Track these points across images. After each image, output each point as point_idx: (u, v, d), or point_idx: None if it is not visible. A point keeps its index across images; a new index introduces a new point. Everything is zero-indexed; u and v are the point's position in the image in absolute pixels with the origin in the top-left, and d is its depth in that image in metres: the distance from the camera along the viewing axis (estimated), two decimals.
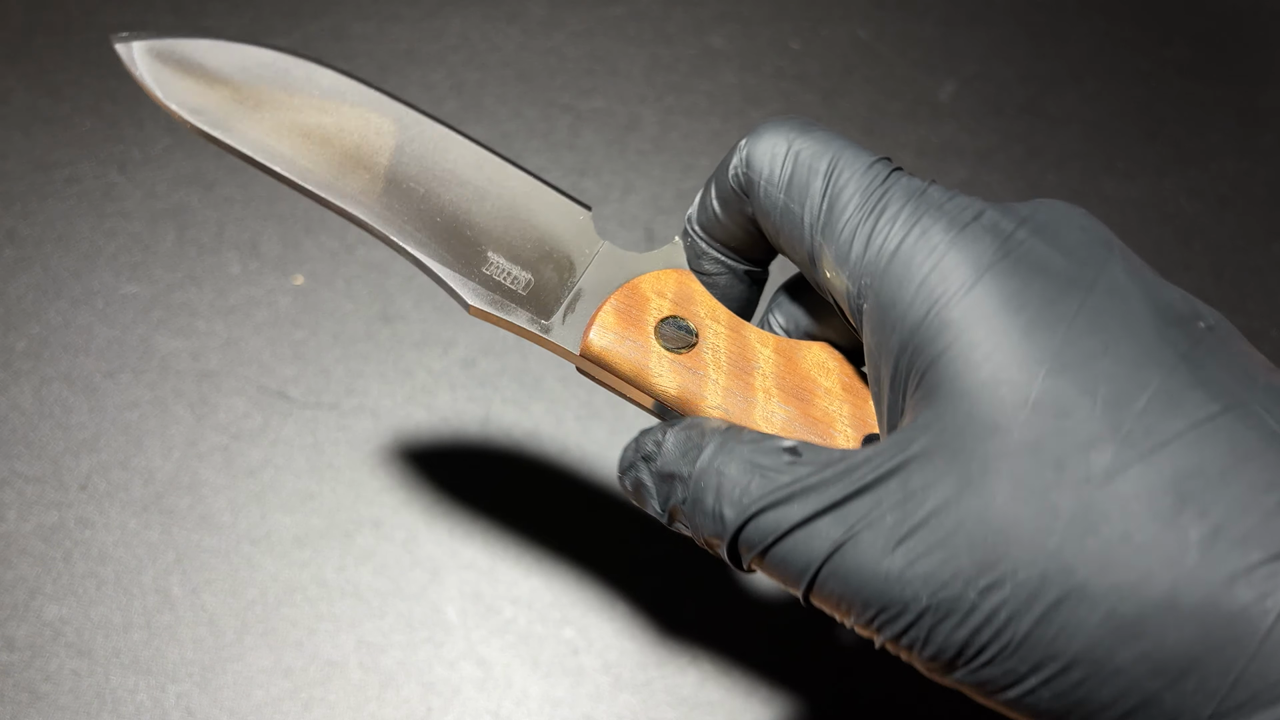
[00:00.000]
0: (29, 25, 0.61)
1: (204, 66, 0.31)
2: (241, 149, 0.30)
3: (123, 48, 0.31)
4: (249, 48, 0.31)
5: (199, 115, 0.30)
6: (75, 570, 0.48)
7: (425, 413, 0.52)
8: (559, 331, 0.31)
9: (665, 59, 0.63)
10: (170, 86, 0.31)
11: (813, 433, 0.30)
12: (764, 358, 0.30)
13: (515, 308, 0.31)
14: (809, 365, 0.30)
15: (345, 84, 0.31)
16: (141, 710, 0.46)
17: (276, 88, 0.31)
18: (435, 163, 0.32)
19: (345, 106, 0.31)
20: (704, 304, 0.31)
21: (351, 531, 0.49)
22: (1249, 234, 0.59)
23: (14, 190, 0.56)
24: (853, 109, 0.62)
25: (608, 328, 0.30)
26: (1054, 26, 0.65)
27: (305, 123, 0.31)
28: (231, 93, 0.31)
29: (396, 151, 0.31)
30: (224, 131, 0.30)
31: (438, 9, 0.63)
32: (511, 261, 0.31)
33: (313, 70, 0.31)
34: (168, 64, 0.31)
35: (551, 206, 0.32)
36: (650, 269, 0.31)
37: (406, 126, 0.31)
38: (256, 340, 0.53)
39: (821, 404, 0.30)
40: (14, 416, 0.51)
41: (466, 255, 0.31)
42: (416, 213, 0.31)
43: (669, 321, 0.30)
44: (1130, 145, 0.61)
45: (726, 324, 0.31)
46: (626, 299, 0.30)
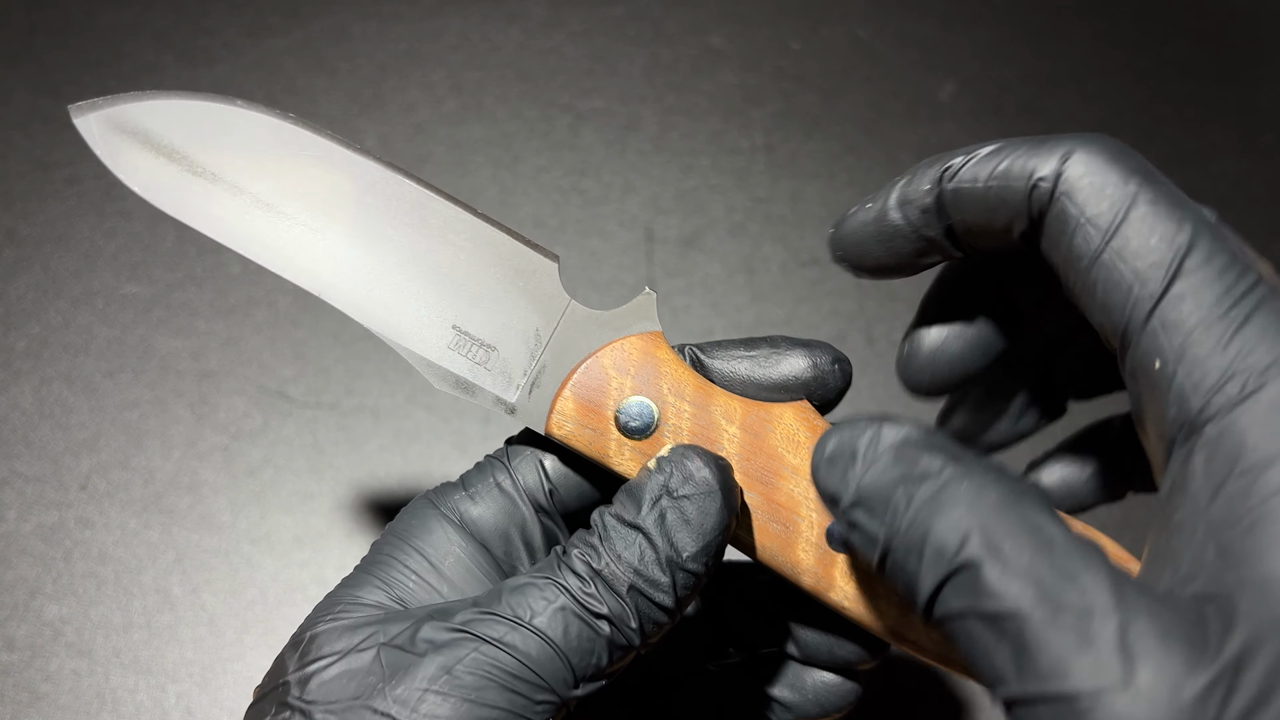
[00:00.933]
0: (29, 25, 0.61)
1: (159, 137, 0.30)
2: (202, 230, 0.30)
3: (81, 121, 0.30)
4: (202, 104, 0.30)
5: (158, 194, 0.30)
6: (75, 570, 0.48)
7: (425, 413, 0.52)
8: (523, 412, 0.30)
9: (665, 59, 0.63)
10: (128, 163, 0.30)
11: (775, 519, 0.29)
12: (728, 437, 0.29)
13: (480, 389, 0.30)
14: (777, 440, 0.29)
15: (295, 135, 0.30)
16: (141, 710, 0.46)
17: (230, 152, 0.30)
18: (395, 222, 0.30)
19: (300, 165, 0.30)
20: (669, 377, 0.29)
21: (352, 531, 0.49)
22: (1249, 234, 0.59)
23: (14, 190, 0.57)
24: (853, 109, 0.62)
25: (567, 416, 0.29)
26: (1054, 26, 0.65)
27: (261, 192, 0.30)
28: (187, 166, 0.30)
29: (354, 214, 0.30)
30: (183, 212, 0.30)
31: (438, 9, 0.63)
32: (477, 335, 0.30)
33: (261, 124, 0.30)
34: (124, 135, 0.30)
35: (517, 261, 0.30)
36: (617, 334, 0.30)
37: (364, 183, 0.30)
38: (257, 340, 0.53)
39: (786, 488, 0.29)
40: (14, 416, 0.51)
41: (430, 333, 0.30)
42: (379, 284, 0.30)
43: (630, 405, 0.29)
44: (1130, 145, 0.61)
45: (691, 399, 0.29)
46: (587, 380, 0.29)
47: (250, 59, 0.61)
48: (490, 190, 0.58)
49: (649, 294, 0.30)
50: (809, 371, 0.30)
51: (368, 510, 0.50)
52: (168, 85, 0.59)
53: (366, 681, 0.26)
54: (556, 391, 0.30)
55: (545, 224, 0.57)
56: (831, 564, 0.29)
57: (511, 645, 0.26)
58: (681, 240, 0.57)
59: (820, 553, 0.29)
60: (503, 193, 0.58)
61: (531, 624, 0.26)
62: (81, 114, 0.30)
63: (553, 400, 0.30)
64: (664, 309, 0.55)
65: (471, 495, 0.30)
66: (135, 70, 0.60)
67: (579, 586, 0.26)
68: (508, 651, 0.26)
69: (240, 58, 0.61)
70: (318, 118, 0.59)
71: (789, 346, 0.30)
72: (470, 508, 0.30)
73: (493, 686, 0.25)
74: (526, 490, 0.30)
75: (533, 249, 0.31)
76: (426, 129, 0.59)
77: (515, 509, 0.30)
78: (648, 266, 0.56)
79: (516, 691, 0.25)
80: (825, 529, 0.29)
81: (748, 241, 0.57)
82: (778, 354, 0.30)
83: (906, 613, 0.29)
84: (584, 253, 0.56)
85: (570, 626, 0.26)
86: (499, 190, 0.58)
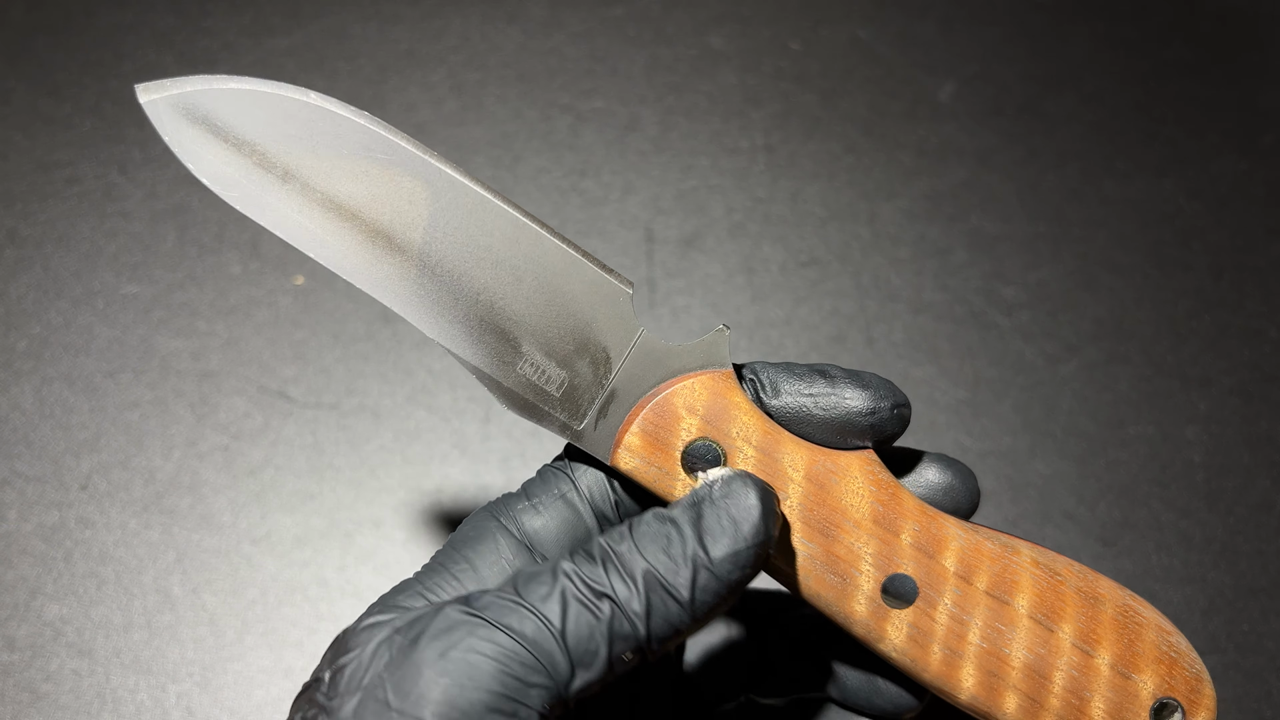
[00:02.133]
0: (30, 25, 0.61)
1: (229, 127, 0.28)
2: (273, 229, 0.29)
3: (152, 107, 0.28)
4: (275, 93, 0.29)
5: (230, 189, 0.29)
6: (76, 570, 0.48)
7: (426, 413, 0.52)
8: (590, 439, 0.29)
9: (665, 59, 0.63)
10: (199, 154, 0.29)
11: (833, 571, 0.29)
12: (794, 485, 0.29)
13: (548, 412, 0.29)
14: (842, 492, 0.29)
15: (375, 139, 0.29)
16: (142, 710, 0.46)
17: (304, 150, 0.29)
18: (471, 237, 0.29)
19: (375, 169, 0.29)
20: (738, 420, 0.29)
21: (352, 531, 0.49)
22: (1248, 234, 0.59)
23: (15, 190, 0.57)
24: (853, 109, 0.62)
25: (634, 451, 0.29)
26: (1054, 26, 0.65)
27: (335, 193, 0.29)
28: (259, 160, 0.29)
29: (430, 225, 0.29)
30: (255, 209, 0.29)
31: (438, 9, 0.63)
32: (547, 357, 0.29)
33: (341, 124, 0.29)
34: (194, 124, 0.28)
35: (590, 286, 0.30)
36: (687, 368, 0.29)
37: (439, 192, 0.29)
38: (257, 340, 0.53)
39: (847, 541, 0.29)
40: (15, 416, 0.51)
41: (502, 351, 0.29)
42: (451, 300, 0.29)
43: (697, 445, 0.29)
44: (1130, 145, 0.61)
45: (758, 445, 0.29)
46: (655, 417, 0.29)
47: (250, 59, 0.61)
48: None
49: (722, 330, 0.29)
50: (868, 419, 0.29)
51: (368, 510, 0.50)
52: None
53: (375, 670, 0.26)
54: (624, 425, 0.29)
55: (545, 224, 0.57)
56: (884, 618, 0.29)
57: (508, 625, 0.25)
58: (681, 240, 0.57)
59: (874, 606, 0.29)
60: (503, 193, 0.58)
61: (529, 602, 0.26)
62: (149, 94, 0.28)
63: (619, 433, 0.29)
64: (664, 309, 0.55)
65: (535, 506, 0.30)
66: (135, 70, 0.60)
67: (587, 568, 0.26)
68: (505, 631, 0.25)
69: (240, 58, 0.61)
70: None
71: (849, 384, 0.29)
72: (533, 519, 0.29)
73: (486, 668, 0.25)
74: (591, 502, 0.30)
75: (608, 274, 0.30)
76: (427, 129, 0.59)
77: (579, 520, 0.30)
78: (648, 266, 0.56)
79: (510, 673, 0.25)
80: (882, 584, 0.29)
81: (748, 241, 0.57)
82: (835, 394, 0.29)
83: (952, 667, 0.29)
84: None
85: (569, 607, 0.26)
86: (499, 190, 0.58)
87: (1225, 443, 0.53)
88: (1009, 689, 0.29)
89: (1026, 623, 0.29)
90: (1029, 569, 0.29)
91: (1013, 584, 0.29)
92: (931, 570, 0.29)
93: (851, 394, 0.29)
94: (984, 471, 0.52)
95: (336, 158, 0.29)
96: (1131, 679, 0.29)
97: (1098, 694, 0.29)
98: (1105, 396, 0.54)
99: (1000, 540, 0.30)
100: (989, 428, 0.53)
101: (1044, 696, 0.29)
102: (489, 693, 0.25)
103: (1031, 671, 0.29)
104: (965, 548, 0.29)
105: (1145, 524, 0.51)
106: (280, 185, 0.29)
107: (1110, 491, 0.52)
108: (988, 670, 0.29)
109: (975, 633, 0.29)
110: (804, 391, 0.29)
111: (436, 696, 0.25)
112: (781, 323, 0.55)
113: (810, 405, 0.29)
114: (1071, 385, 0.54)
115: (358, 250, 0.29)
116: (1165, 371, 0.55)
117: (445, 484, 0.51)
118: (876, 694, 0.31)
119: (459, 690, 0.25)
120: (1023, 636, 0.29)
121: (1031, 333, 0.56)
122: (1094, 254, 0.58)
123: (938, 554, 0.29)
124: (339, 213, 0.29)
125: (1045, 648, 0.29)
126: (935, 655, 0.29)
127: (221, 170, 0.28)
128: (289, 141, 0.29)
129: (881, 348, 0.55)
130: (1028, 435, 0.53)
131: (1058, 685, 0.29)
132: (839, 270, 0.57)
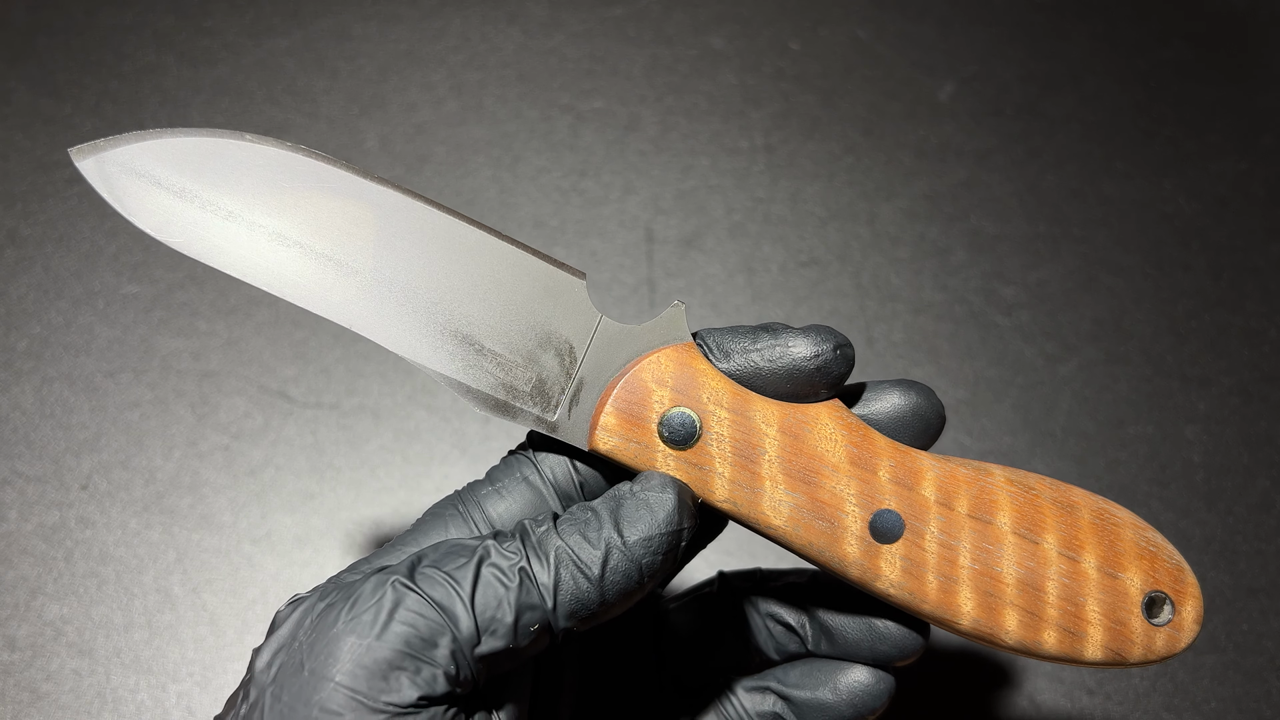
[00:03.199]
0: (30, 26, 0.61)
1: (167, 177, 0.29)
2: (225, 270, 0.29)
3: (85, 164, 0.29)
4: (210, 141, 0.29)
5: (174, 236, 0.29)
6: (76, 570, 0.48)
7: (426, 413, 0.52)
8: (565, 429, 0.30)
9: (665, 59, 0.63)
10: (137, 204, 0.29)
11: (820, 517, 0.29)
12: (770, 440, 0.30)
13: (521, 409, 0.30)
14: (816, 440, 0.30)
15: (313, 169, 0.29)
16: (143, 709, 0.46)
17: (244, 189, 0.29)
18: (419, 251, 0.30)
19: (317, 198, 0.29)
20: (706, 386, 0.30)
21: (352, 531, 0.49)
22: (1248, 234, 0.59)
23: (15, 190, 0.57)
24: (852, 109, 0.62)
25: (611, 431, 0.30)
26: (1054, 27, 0.65)
27: (280, 227, 0.29)
28: (201, 204, 0.29)
29: (378, 244, 0.30)
30: (200, 252, 0.29)
31: (438, 10, 0.63)
32: (512, 355, 0.30)
33: (277, 159, 0.29)
34: (129, 176, 0.29)
35: (544, 282, 0.30)
36: (650, 346, 0.30)
37: (383, 212, 0.30)
38: (258, 340, 0.53)
39: (829, 485, 0.30)
40: (15, 416, 0.51)
41: (466, 356, 0.30)
42: (409, 314, 0.30)
43: (672, 416, 0.29)
44: (1129, 146, 0.61)
45: (730, 406, 0.30)
46: (628, 394, 0.30)
47: (251, 59, 0.61)
48: (490, 191, 0.58)
49: (678, 305, 0.31)
50: (813, 362, 0.30)
51: (368, 510, 0.50)
52: (169, 85, 0.60)
53: (297, 636, 0.27)
54: (597, 408, 0.30)
55: (545, 224, 0.57)
56: (877, 555, 0.30)
57: (419, 586, 0.26)
58: (681, 240, 0.57)
59: (866, 545, 0.30)
60: (503, 193, 0.58)
61: (444, 569, 0.27)
62: (83, 157, 0.29)
63: (594, 416, 0.30)
64: (664, 309, 0.55)
65: (498, 490, 0.30)
66: (136, 71, 0.60)
67: (507, 543, 0.28)
68: (416, 591, 0.26)
69: (241, 58, 0.61)
70: (318, 118, 0.59)
71: (791, 334, 0.30)
72: (496, 503, 0.30)
73: (392, 626, 0.26)
74: (555, 484, 0.31)
75: (559, 268, 0.30)
76: (427, 130, 0.59)
77: (542, 503, 0.30)
78: (648, 266, 0.56)
79: (415, 632, 0.26)
80: (869, 522, 0.30)
81: (747, 241, 0.57)
82: (780, 344, 0.30)
83: (949, 594, 0.30)
84: (584, 253, 0.57)
85: (482, 575, 0.27)
86: (499, 191, 0.58)
87: (1224, 443, 0.53)
88: (1007, 606, 0.30)
89: (1012, 539, 0.30)
90: (1004, 487, 0.30)
91: (991, 504, 0.30)
92: (913, 502, 0.30)
93: (795, 342, 0.30)
94: None
95: (277, 192, 0.29)
96: (1119, 578, 0.30)
97: (1090, 597, 0.30)
98: (1105, 396, 0.54)
99: (972, 465, 0.31)
100: (989, 428, 0.53)
101: (1041, 608, 0.30)
102: (393, 650, 0.26)
103: (1025, 585, 0.30)
104: (941, 476, 0.30)
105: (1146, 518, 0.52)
106: (225, 226, 0.29)
107: (1110, 491, 0.52)
108: (984, 591, 0.30)
109: (965, 556, 0.30)
110: (750, 348, 0.30)
111: (344, 654, 0.26)
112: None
113: (757, 360, 0.30)
114: (1071, 385, 0.54)
115: (310, 279, 0.29)
116: (1165, 371, 0.55)
117: (445, 484, 0.51)
118: (878, 639, 0.32)
119: (365, 649, 0.26)
120: (1010, 552, 0.30)
121: (1031, 333, 0.56)
122: (1094, 254, 0.58)
123: (916, 485, 0.30)
124: (286, 244, 0.29)
125: (1034, 560, 0.30)
126: (931, 584, 0.30)
127: (165, 219, 0.29)
128: (228, 184, 0.29)
129: (881, 348, 0.55)
130: (1028, 435, 0.53)
131: (1052, 595, 0.30)
132: (839, 270, 0.57)
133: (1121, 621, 0.30)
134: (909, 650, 0.32)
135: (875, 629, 0.32)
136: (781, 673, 0.34)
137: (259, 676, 0.27)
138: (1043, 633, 0.30)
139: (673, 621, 0.36)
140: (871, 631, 0.32)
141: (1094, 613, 0.30)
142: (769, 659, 0.34)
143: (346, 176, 0.30)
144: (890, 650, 0.32)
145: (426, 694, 0.26)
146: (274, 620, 0.28)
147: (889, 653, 0.32)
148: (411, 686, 0.25)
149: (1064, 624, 0.30)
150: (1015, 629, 0.30)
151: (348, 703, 0.25)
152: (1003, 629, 0.30)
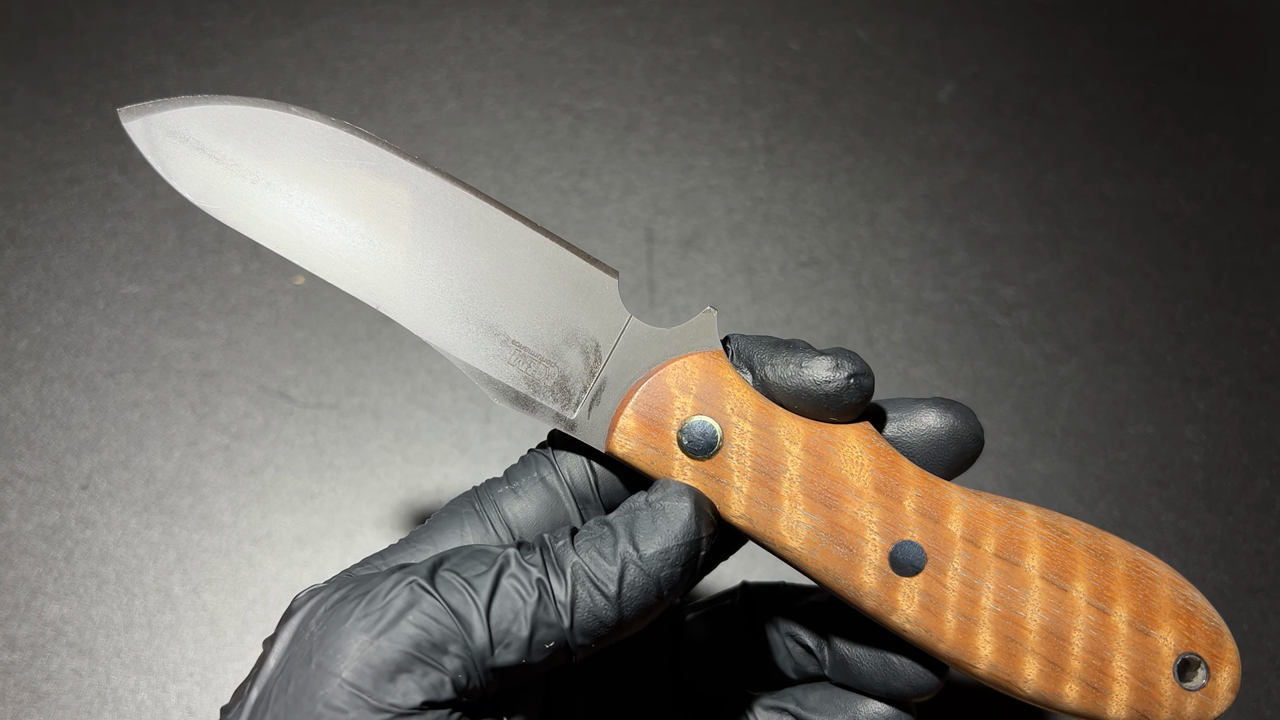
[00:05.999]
0: (30, 26, 0.61)
1: (210, 143, 0.29)
2: (259, 239, 0.29)
3: (132, 125, 0.29)
4: (257, 110, 0.29)
5: (214, 202, 0.29)
6: (76, 570, 0.48)
7: (426, 413, 0.52)
8: (584, 428, 0.29)
9: (665, 59, 0.63)
10: (179, 168, 0.29)
11: (838, 542, 0.28)
12: (793, 458, 0.28)
13: (540, 404, 0.29)
14: (841, 462, 0.29)
15: (355, 146, 0.29)
16: (143, 709, 0.46)
17: (286, 160, 0.29)
18: (454, 236, 0.30)
19: (356, 175, 0.29)
20: (732, 397, 0.29)
21: (352, 531, 0.49)
22: (1247, 234, 0.59)
23: (16, 190, 0.57)
24: (852, 109, 0.62)
25: (629, 434, 0.29)
26: (1054, 27, 0.65)
27: (316, 201, 0.29)
28: (242, 173, 0.29)
29: (413, 226, 0.29)
30: (241, 221, 0.29)
31: (438, 10, 0.63)
32: (537, 349, 0.30)
33: (320, 133, 0.29)
34: (174, 140, 0.29)
35: (576, 277, 0.30)
36: (677, 351, 0.29)
37: (421, 194, 0.29)
38: (258, 340, 0.53)
39: (850, 510, 0.28)
40: (15, 416, 0.51)
41: (492, 346, 0.29)
42: (439, 299, 0.29)
43: (693, 424, 0.29)
44: (1129, 145, 0.61)
45: (754, 419, 0.29)
46: (649, 399, 0.29)
47: (251, 59, 0.61)
48: (490, 190, 0.58)
49: (709, 312, 0.30)
50: (823, 387, 0.29)
51: (368, 510, 0.50)
52: (169, 85, 0.60)
53: (308, 627, 0.27)
54: (618, 409, 0.29)
55: (545, 224, 0.57)
56: (895, 588, 0.28)
57: (437, 591, 0.26)
58: (681, 240, 0.57)
59: (884, 576, 0.28)
60: (503, 193, 0.58)
61: (463, 575, 0.26)
62: (131, 118, 0.29)
63: (614, 418, 0.29)
64: (664, 309, 0.55)
65: (515, 490, 0.30)
66: (136, 71, 0.60)
67: (527, 556, 0.27)
68: (432, 595, 0.26)
69: (241, 58, 0.61)
70: None
71: (810, 354, 0.29)
72: (513, 503, 0.30)
73: (404, 627, 0.26)
74: (572, 484, 0.30)
75: (592, 264, 0.30)
76: (427, 130, 0.59)
77: (558, 504, 0.30)
78: (648, 266, 0.56)
79: (428, 636, 0.26)
80: (889, 552, 0.28)
81: (747, 242, 0.57)
82: (794, 363, 0.29)
83: (968, 635, 0.28)
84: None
85: (500, 587, 0.26)
86: (499, 190, 0.58)
87: (1224, 442, 0.53)
88: (1028, 653, 0.28)
89: (1039, 583, 0.28)
90: (1036, 529, 0.29)
91: (1021, 545, 0.28)
92: (938, 535, 0.28)
93: (810, 364, 0.29)
94: (984, 471, 0.52)
95: (318, 167, 0.29)
96: (1151, 635, 0.28)
97: (1118, 653, 0.28)
98: (1105, 396, 0.54)
99: (1004, 503, 0.29)
100: (989, 427, 0.53)
101: (1064, 659, 0.28)
102: (402, 652, 0.25)
103: (1049, 634, 0.28)
104: (970, 511, 0.29)
105: (1144, 524, 0.52)
106: (263, 195, 0.29)
107: (1109, 491, 0.52)
108: (1004, 635, 0.28)
109: (988, 597, 0.28)
110: (766, 361, 0.29)
111: (352, 651, 0.25)
112: (781, 323, 0.55)
113: (770, 374, 0.29)
114: (1071, 385, 0.54)
115: (343, 255, 0.29)
116: (1165, 371, 0.55)
117: (445, 484, 0.51)
118: (893, 675, 0.31)
119: (374, 647, 0.25)
120: (1036, 598, 0.28)
121: (1031, 333, 0.56)
122: (1094, 254, 0.58)
123: (943, 518, 0.28)
124: (323, 219, 0.29)
125: (1060, 608, 0.28)
126: (950, 623, 0.28)
127: (205, 185, 0.29)
128: (271, 154, 0.29)
129: (881, 348, 0.55)
130: (1027, 435, 0.53)
131: (1077, 646, 0.28)
132: (839, 270, 0.57)
133: (1150, 682, 0.28)
134: (922, 689, 0.31)
135: (890, 664, 0.31)
136: (801, 694, 0.33)
137: (268, 664, 0.27)
138: (1064, 685, 0.28)
139: (691, 630, 0.35)
140: (886, 667, 0.31)
141: (1121, 670, 0.28)
142: (786, 678, 0.34)
143: (388, 156, 0.29)
144: (904, 688, 0.31)
145: (431, 699, 0.25)
146: (289, 607, 0.28)
147: (903, 690, 0.31)
148: (417, 690, 0.25)
149: (1088, 678, 0.28)
150: (1035, 678, 0.28)
151: (351, 700, 0.25)
152: (1021, 676, 0.28)
